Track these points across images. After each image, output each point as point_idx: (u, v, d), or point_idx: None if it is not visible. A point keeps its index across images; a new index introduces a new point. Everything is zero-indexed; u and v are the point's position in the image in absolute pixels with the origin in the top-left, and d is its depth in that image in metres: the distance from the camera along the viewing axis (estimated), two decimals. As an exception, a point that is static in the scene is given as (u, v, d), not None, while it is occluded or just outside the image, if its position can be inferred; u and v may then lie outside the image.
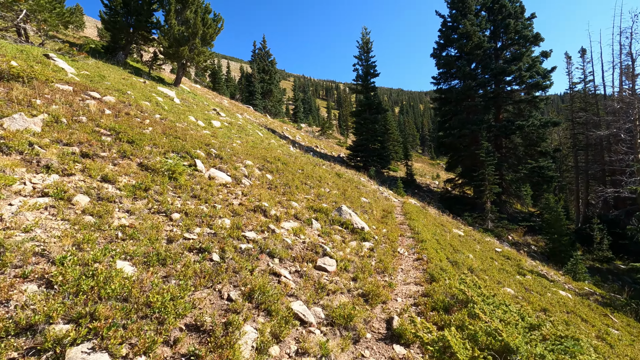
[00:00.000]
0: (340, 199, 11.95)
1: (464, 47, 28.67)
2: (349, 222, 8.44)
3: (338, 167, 23.51)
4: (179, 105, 17.75)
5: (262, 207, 7.09)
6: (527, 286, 11.05)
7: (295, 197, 9.40)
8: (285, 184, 10.19)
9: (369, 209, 13.04)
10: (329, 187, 13.41)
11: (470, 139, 28.78)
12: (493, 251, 15.88)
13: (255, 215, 6.66)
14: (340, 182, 16.22)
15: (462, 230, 17.70)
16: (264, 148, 16.35)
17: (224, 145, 11.66)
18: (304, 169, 14.15)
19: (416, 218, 13.53)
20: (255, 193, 7.93)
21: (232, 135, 16.05)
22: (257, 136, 20.49)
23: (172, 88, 22.79)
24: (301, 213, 7.94)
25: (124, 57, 24.07)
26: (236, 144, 13.90)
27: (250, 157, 11.59)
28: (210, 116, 18.75)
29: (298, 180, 11.40)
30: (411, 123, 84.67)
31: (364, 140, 29.93)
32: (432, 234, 11.84)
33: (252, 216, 6.52)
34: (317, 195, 10.94)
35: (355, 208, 11.70)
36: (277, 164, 12.32)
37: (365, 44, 30.75)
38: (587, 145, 32.84)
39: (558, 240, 21.76)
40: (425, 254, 8.21)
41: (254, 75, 49.81)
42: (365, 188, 18.67)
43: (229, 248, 4.76)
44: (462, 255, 10.76)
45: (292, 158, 17.26)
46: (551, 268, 19.51)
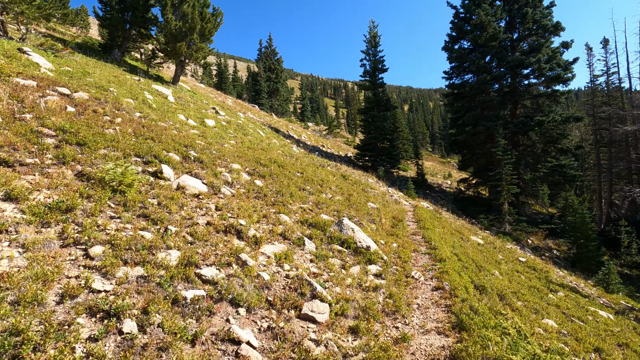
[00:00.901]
0: (344, 207, 10.27)
1: (477, 38, 26.58)
2: (351, 239, 6.75)
3: (344, 168, 21.81)
4: (172, 104, 16.30)
5: (237, 227, 5.46)
6: (565, 309, 9.20)
7: (288, 207, 7.77)
8: (278, 192, 8.56)
9: (377, 216, 11.33)
10: (332, 192, 11.74)
11: (485, 136, 26.71)
12: (517, 261, 14.01)
13: (225, 239, 5.03)
14: (345, 185, 14.54)
15: (480, 237, 15.84)
16: (261, 149, 14.76)
17: (211, 146, 10.09)
18: (304, 172, 12.51)
19: (430, 226, 11.76)
20: (234, 206, 6.31)
21: (227, 135, 14.50)
22: (257, 136, 18.92)
23: (169, 86, 21.39)
24: (291, 230, 6.29)
25: (120, 55, 22.77)
26: (228, 144, 12.33)
27: (241, 160, 9.99)
28: (206, 115, 17.25)
29: (294, 186, 9.76)
30: (421, 121, 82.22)
31: (372, 138, 28.12)
32: (450, 246, 10.08)
33: (220, 241, 4.89)
34: (316, 203, 9.29)
35: (360, 217, 10.01)
36: (272, 167, 10.70)
37: (372, 37, 28.89)
38: (610, 142, 30.40)
39: (585, 246, 19.66)
40: (447, 279, 6.49)
41: (260, 74, 48.35)
42: (373, 191, 16.93)
43: (159, 305, 3.12)
44: (487, 274, 8.99)
45: (293, 159, 15.64)
46: (579, 277, 17.50)
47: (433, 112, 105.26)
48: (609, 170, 30.30)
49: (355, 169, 25.00)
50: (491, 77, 26.15)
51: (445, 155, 69.86)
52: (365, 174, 23.33)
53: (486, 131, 25.57)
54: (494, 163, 25.69)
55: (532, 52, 25.88)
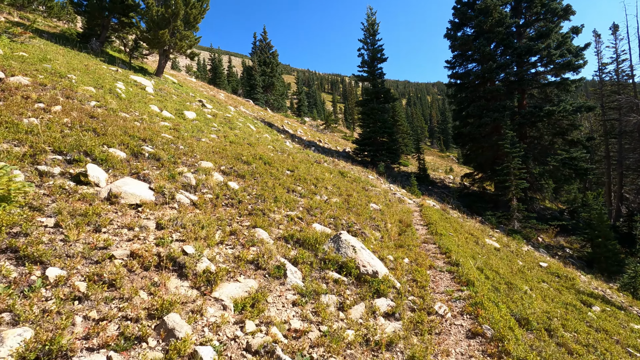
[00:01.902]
0: (342, 212, 8.40)
1: (482, 24, 24.57)
2: (352, 262, 4.88)
3: (342, 164, 19.92)
4: (150, 95, 14.36)
5: (178, 258, 3.57)
6: (615, 334, 7.38)
7: (269, 217, 5.89)
8: (258, 196, 6.67)
9: (381, 221, 9.47)
10: (328, 192, 9.86)
11: (491, 128, 24.81)
12: (538, 267, 12.21)
13: (153, 281, 3.15)
14: (343, 183, 12.66)
15: (494, 239, 14.03)
16: (248, 144, 12.84)
17: (178, 140, 8.17)
18: (295, 169, 10.62)
19: (443, 231, 9.92)
20: (187, 221, 4.43)
21: (208, 128, 12.57)
22: (246, 130, 16.99)
23: (151, 78, 19.41)
24: (268, 254, 4.42)
25: (99, 44, 20.70)
26: (207, 138, 10.41)
27: (216, 157, 8.09)
28: (189, 107, 15.30)
29: (281, 188, 7.88)
30: (419, 115, 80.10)
31: (371, 132, 26.18)
32: (469, 257, 8.25)
33: (144, 286, 3.02)
34: (307, 208, 7.41)
35: (362, 225, 8.14)
36: (256, 165, 8.81)
37: (370, 25, 26.84)
38: (620, 133, 28.52)
39: (603, 245, 17.85)
40: (484, 316, 4.65)
41: (255, 67, 46.22)
42: (375, 189, 15.07)
43: None
44: (519, 294, 7.15)
45: (284, 155, 13.74)
46: (601, 280, 15.74)
47: (431, 106, 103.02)
48: (620, 163, 28.47)
49: (354, 164, 23.11)
50: (497, 65, 24.19)
51: (444, 149, 67.99)
52: (364, 170, 21.45)
53: (492, 122, 23.67)
54: (501, 156, 23.83)
55: (540, 37, 23.91)
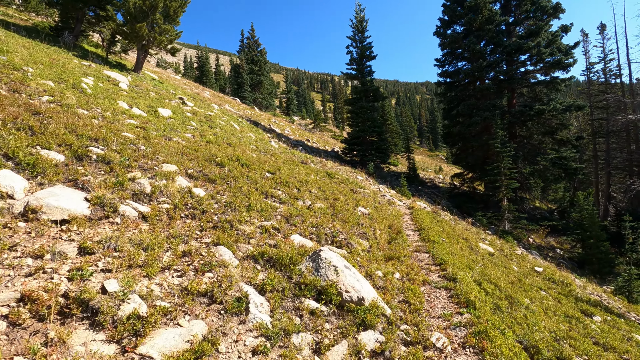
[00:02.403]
0: (327, 219, 7.54)
1: (472, 22, 23.98)
2: (333, 287, 4.02)
3: (330, 164, 19.07)
4: (122, 91, 13.26)
5: (90, 300, 2.64)
6: (622, 351, 6.70)
7: (238, 230, 4.99)
8: (228, 204, 5.76)
9: (369, 228, 8.64)
10: (312, 196, 8.99)
11: (481, 127, 24.28)
12: (534, 273, 11.57)
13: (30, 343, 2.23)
14: (330, 185, 11.80)
15: (487, 242, 13.37)
16: (228, 143, 11.88)
17: (143, 140, 7.19)
18: (277, 171, 9.72)
19: (436, 238, 9.14)
20: (123, 242, 3.49)
21: (184, 127, 11.56)
22: (228, 129, 15.99)
23: (128, 74, 18.23)
24: (228, 281, 3.53)
25: (73, 38, 19.39)
26: (180, 138, 9.42)
27: (184, 158, 7.15)
28: (166, 105, 14.25)
29: (258, 193, 6.98)
30: (408, 114, 79.76)
31: (360, 131, 25.38)
32: (466, 267, 7.48)
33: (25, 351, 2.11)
34: (286, 216, 6.53)
35: (349, 233, 7.29)
36: (231, 167, 7.88)
37: (359, 22, 26.02)
38: (608, 132, 28.34)
39: (596, 247, 17.43)
40: (490, 350, 3.87)
41: (242, 66, 45.02)
42: (363, 191, 14.26)
43: None
44: (521, 309, 6.41)
45: (267, 155, 12.81)
46: (594, 283, 15.26)
47: (420, 105, 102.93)
48: (607, 162, 28.30)
49: (343, 164, 22.30)
50: (487, 63, 23.64)
51: (433, 148, 67.80)
52: (353, 170, 20.64)
53: (483, 122, 23.14)
54: (491, 156, 23.32)
55: (530, 36, 23.46)
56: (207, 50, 51.90)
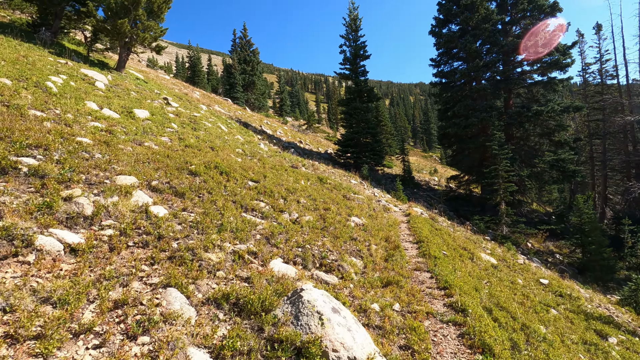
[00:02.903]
0: (315, 235, 6.57)
1: (468, 20, 23.21)
2: (317, 345, 3.04)
3: (322, 168, 18.10)
4: (98, 91, 12.17)
5: None
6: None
7: (202, 259, 4.00)
8: (195, 224, 4.77)
9: (364, 242, 7.69)
10: (300, 207, 8.01)
11: (478, 128, 23.53)
12: (539, 285, 10.73)
13: None
14: (321, 192, 10.83)
15: (489, 252, 12.50)
16: (211, 147, 10.85)
17: (102, 146, 6.16)
18: (262, 179, 8.73)
19: (437, 251, 8.22)
20: (19, 297, 2.51)
21: (162, 129, 10.49)
22: (214, 131, 14.94)
23: (109, 73, 17.09)
24: (168, 347, 2.58)
25: (51, 35, 18.17)
26: (153, 142, 8.38)
27: (149, 167, 6.14)
28: (146, 105, 13.16)
29: (235, 207, 6.00)
30: (402, 115, 79.09)
31: (354, 133, 24.44)
32: (473, 288, 6.57)
33: None
34: (267, 235, 5.56)
35: (340, 252, 6.33)
36: (206, 176, 6.87)
37: (353, 21, 25.10)
38: (604, 134, 27.77)
39: (598, 253, 16.67)
40: None
41: (234, 66, 43.87)
42: (357, 197, 13.31)
43: None
44: (538, 341, 5.50)
45: (255, 160, 11.80)
46: (599, 292, 14.50)
47: (414, 106, 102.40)
48: (604, 164, 27.74)
49: (336, 167, 21.36)
50: (483, 63, 22.87)
51: (427, 149, 67.19)
52: (347, 173, 19.69)
53: (479, 123, 22.35)
54: (488, 158, 22.56)
55: (527, 35, 22.76)
56: (198, 50, 50.58)
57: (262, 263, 4.70)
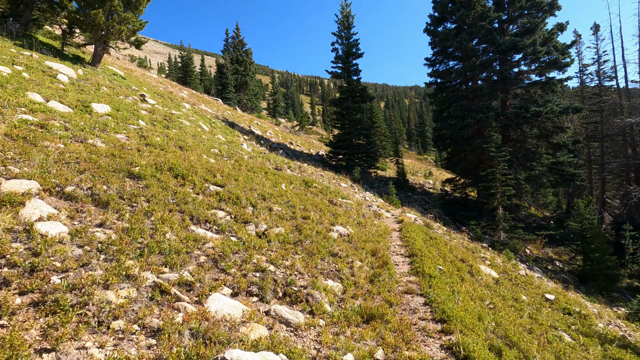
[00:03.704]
0: (285, 252, 5.29)
1: (464, 18, 22.09)
2: None
3: (311, 170, 16.82)
4: (59, 84, 10.84)
5: None
6: None
7: (89, 303, 2.73)
8: (105, 246, 3.49)
9: (345, 258, 6.41)
10: (272, 216, 6.73)
11: (474, 130, 22.41)
12: (547, 303, 9.51)
13: None
14: (304, 197, 9.56)
15: (488, 263, 11.28)
16: (179, 147, 9.54)
17: (7, 143, 4.87)
18: (229, 182, 7.44)
19: (432, 268, 6.96)
20: None
21: (121, 126, 9.15)
22: (191, 130, 13.61)
23: (81, 67, 15.73)
24: None
25: (21, 27, 16.76)
26: (99, 139, 7.05)
27: (71, 169, 4.85)
28: (114, 100, 11.83)
29: (180, 219, 4.71)
30: (397, 117, 78.07)
31: (346, 134, 23.22)
32: (476, 317, 5.35)
33: None
34: (216, 256, 4.27)
35: (313, 276, 5.05)
36: (152, 180, 5.57)
37: (345, 18, 23.93)
38: (602, 136, 26.79)
39: (601, 261, 15.52)
40: None
41: (226, 66, 42.54)
42: (345, 202, 12.05)
43: None
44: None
45: (230, 162, 10.49)
46: (605, 305, 13.33)
47: (409, 109, 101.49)
48: (602, 167, 26.74)
49: (326, 169, 20.10)
50: (480, 62, 21.77)
51: (422, 151, 66.17)
52: (336, 176, 18.43)
53: (476, 124, 21.23)
54: (485, 161, 21.42)
55: (525, 34, 21.73)
56: (190, 50, 49.23)
57: (196, 299, 3.41)
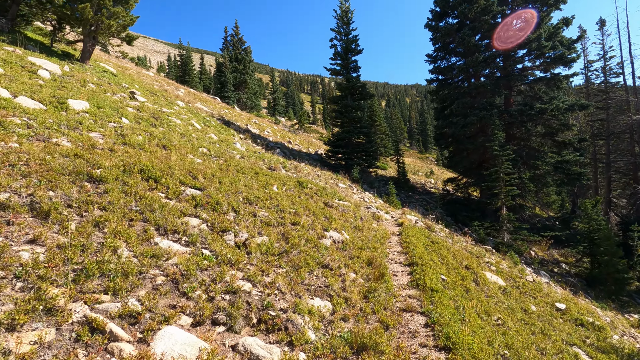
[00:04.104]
0: (266, 266, 4.58)
1: (467, 12, 21.26)
2: None
3: (308, 169, 16.11)
4: (37, 80, 10.16)
5: None
6: None
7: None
8: (26, 271, 2.80)
9: (337, 270, 5.70)
10: (257, 222, 6.03)
11: (477, 128, 21.60)
12: (555, 312, 8.77)
13: None
14: (296, 200, 8.85)
15: (494, 269, 10.54)
16: (163, 146, 8.84)
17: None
18: (214, 184, 6.75)
19: (434, 281, 6.25)
20: None
21: (100, 124, 8.47)
22: (180, 129, 12.91)
23: (68, 63, 15.05)
24: None
25: (7, 22, 16.09)
26: (65, 138, 6.38)
27: (15, 173, 4.19)
28: (98, 97, 11.14)
29: (141, 231, 4.03)
30: (398, 116, 77.14)
31: (345, 132, 22.47)
32: (486, 338, 4.66)
33: None
34: (178, 275, 3.57)
35: (297, 295, 4.34)
36: (114, 184, 4.89)
37: (344, 13, 23.16)
38: (608, 134, 25.92)
39: (611, 265, 14.74)
40: None
41: (225, 64, 41.83)
42: (342, 204, 11.33)
43: None
44: None
45: (218, 162, 9.79)
46: (617, 312, 12.57)
47: (410, 107, 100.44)
48: (608, 166, 25.87)
49: (325, 169, 19.38)
50: (482, 58, 20.95)
51: (424, 150, 65.30)
52: (334, 176, 17.70)
53: (479, 122, 20.42)
54: (488, 160, 20.64)
55: (530, 28, 20.88)
56: (189, 49, 48.54)
57: (141, 336, 2.71)
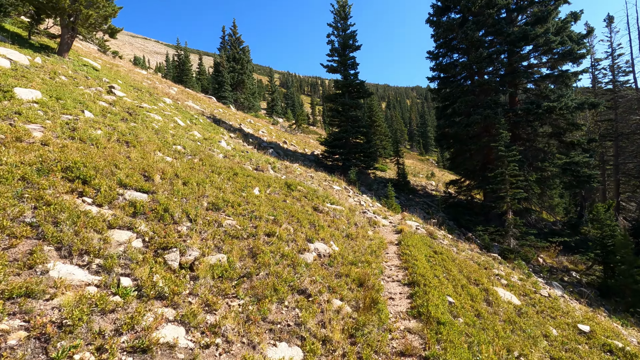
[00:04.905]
0: (214, 297, 3.31)
1: (470, 6, 20.02)
2: None
3: (300, 170, 14.83)
4: (-7, 68, 8.95)
5: None
6: None
7: None
8: None
9: (316, 297, 4.41)
10: (219, 234, 4.77)
11: (480, 127, 20.30)
12: (577, 334, 7.45)
13: None
14: (280, 204, 7.57)
15: (505, 283, 9.23)
16: (126, 142, 7.61)
17: None
18: (175, 186, 5.51)
19: (439, 307, 4.98)
20: None
21: (50, 116, 7.24)
22: (159, 125, 11.68)
23: (42, 56, 13.84)
24: None
25: (-19, 13, 14.98)
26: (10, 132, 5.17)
27: None
28: (63, 90, 9.93)
29: (24, 264, 2.80)
30: (399, 118, 75.83)
31: (342, 132, 21.21)
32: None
33: None
34: (57, 325, 2.37)
35: (251, 340, 3.08)
36: (16, 189, 3.68)
37: (341, 8, 21.94)
38: (616, 135, 24.59)
39: (629, 275, 13.39)
40: None
41: (222, 63, 40.68)
42: (334, 208, 10.04)
43: None
44: None
45: (192, 160, 8.52)
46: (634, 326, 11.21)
47: (410, 109, 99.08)
48: (616, 168, 24.52)
49: (320, 170, 18.10)
50: (486, 54, 19.67)
51: (424, 152, 63.96)
52: (329, 177, 16.41)
53: (483, 121, 19.12)
54: (492, 161, 19.32)
55: (536, 23, 19.60)
56: (187, 49, 47.47)
57: None
